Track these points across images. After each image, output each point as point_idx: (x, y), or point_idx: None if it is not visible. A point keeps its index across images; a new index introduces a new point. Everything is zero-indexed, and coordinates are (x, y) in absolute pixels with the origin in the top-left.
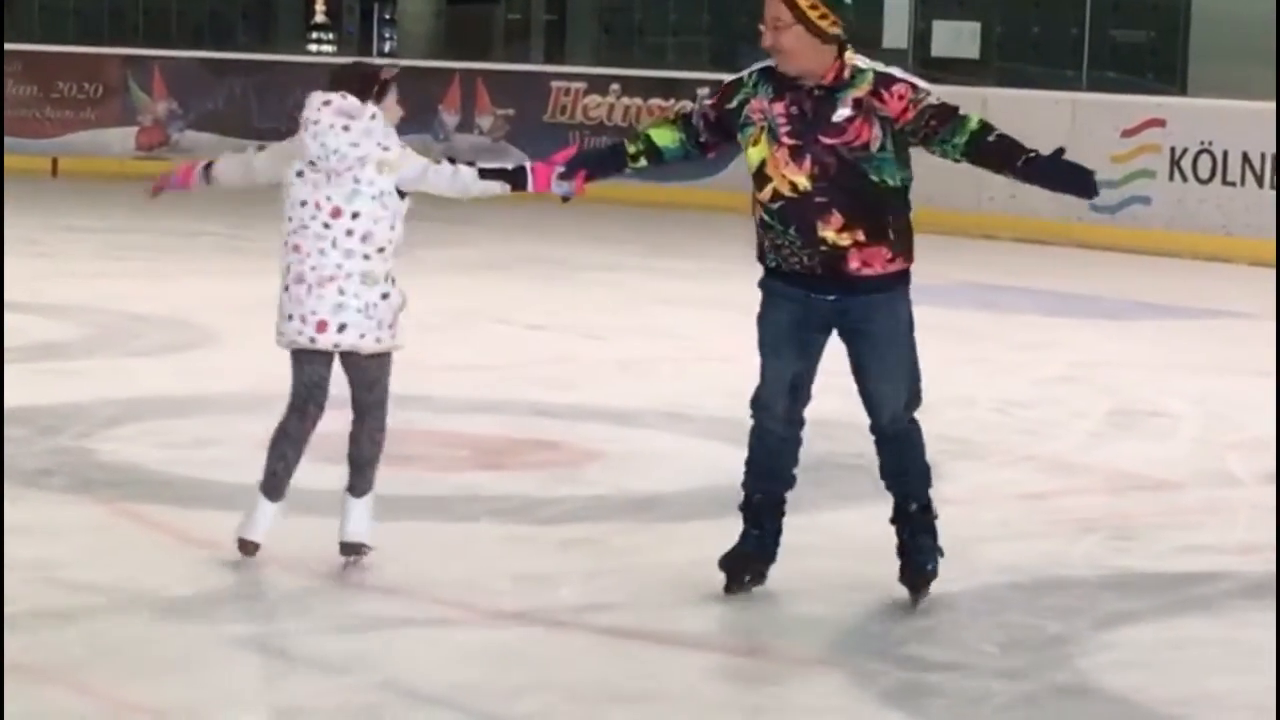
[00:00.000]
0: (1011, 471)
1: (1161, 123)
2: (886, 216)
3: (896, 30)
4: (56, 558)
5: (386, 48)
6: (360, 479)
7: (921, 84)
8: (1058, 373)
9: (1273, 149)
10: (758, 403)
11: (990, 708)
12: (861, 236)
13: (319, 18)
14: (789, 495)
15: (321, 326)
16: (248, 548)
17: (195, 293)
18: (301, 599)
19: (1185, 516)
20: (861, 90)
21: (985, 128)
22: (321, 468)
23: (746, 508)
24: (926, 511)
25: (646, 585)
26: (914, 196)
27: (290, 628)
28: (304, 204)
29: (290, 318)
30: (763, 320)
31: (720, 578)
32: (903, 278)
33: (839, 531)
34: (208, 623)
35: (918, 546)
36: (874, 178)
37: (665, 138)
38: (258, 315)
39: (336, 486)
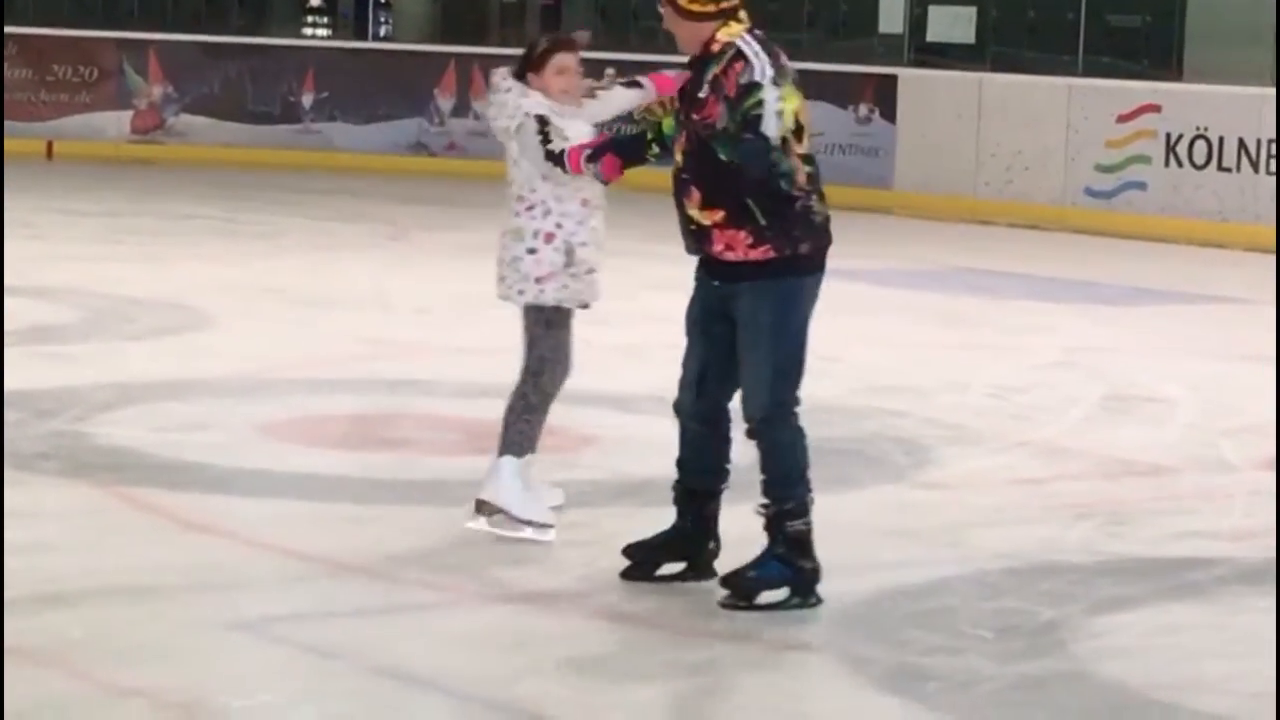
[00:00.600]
0: (1006, 457)
1: (1157, 108)
2: (745, 199)
3: (892, 15)
4: (53, 541)
5: (382, 31)
6: (501, 438)
7: (760, 73)
8: (1052, 358)
9: (1269, 134)
10: (680, 394)
11: (984, 692)
12: (720, 217)
13: (314, 1)
14: (723, 489)
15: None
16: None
17: (190, 276)
18: (297, 583)
19: (1180, 502)
20: (718, 68)
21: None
22: (323, 452)
23: (674, 495)
24: (779, 519)
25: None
26: (911, 181)
27: (285, 611)
28: None
29: None
30: (687, 309)
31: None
32: (772, 268)
33: (831, 516)
34: (203, 607)
35: (761, 553)
36: (723, 157)
37: (667, 123)
38: (253, 298)
39: (335, 472)
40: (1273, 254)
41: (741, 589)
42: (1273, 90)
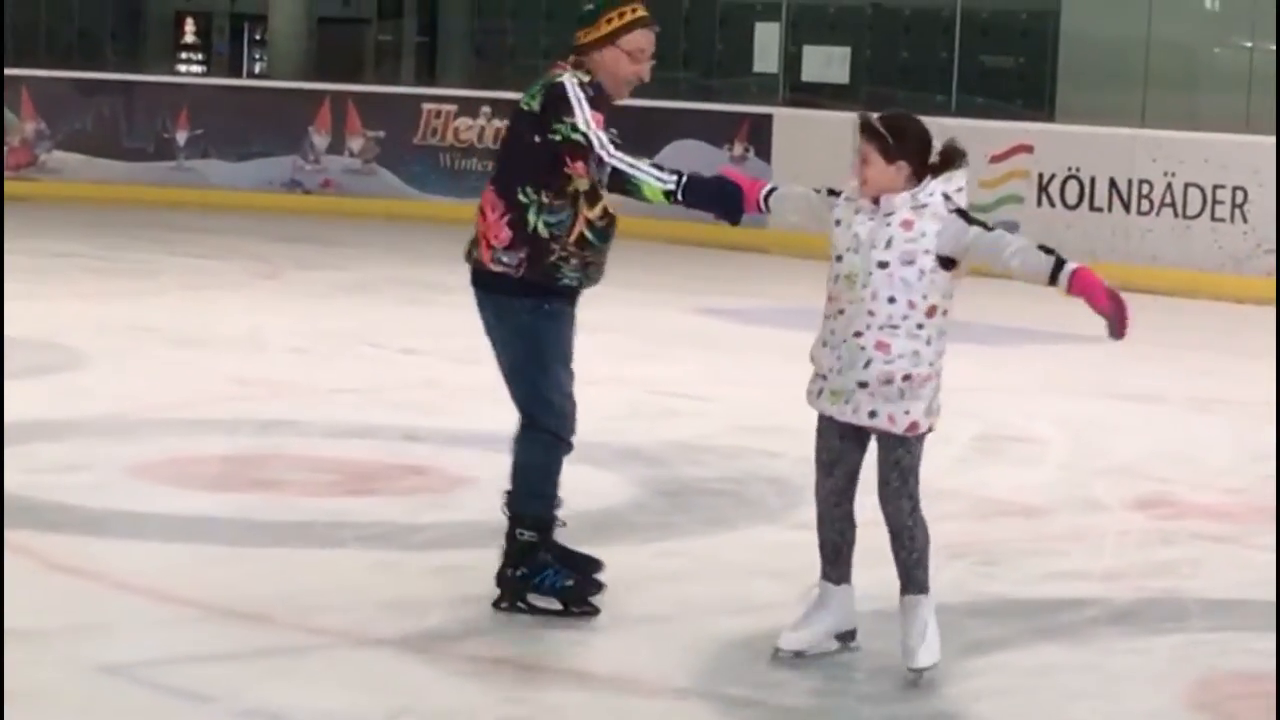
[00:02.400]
0: (876, 497)
1: (1030, 148)
2: None
3: (767, 55)
4: None
5: (257, 68)
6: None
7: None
8: None
9: (1140, 175)
10: (569, 421)
11: None
12: None
13: (189, 38)
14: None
15: None
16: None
17: (64, 315)
18: (169, 626)
19: (1051, 543)
20: None
21: None
22: (196, 494)
23: (551, 531)
24: (514, 527)
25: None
26: (784, 220)
27: (154, 656)
28: None
29: None
30: (559, 337)
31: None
32: None
33: (706, 556)
34: (69, 652)
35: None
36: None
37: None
38: (127, 337)
39: (207, 513)
40: (1142, 293)
41: (508, 594)
42: (1143, 131)
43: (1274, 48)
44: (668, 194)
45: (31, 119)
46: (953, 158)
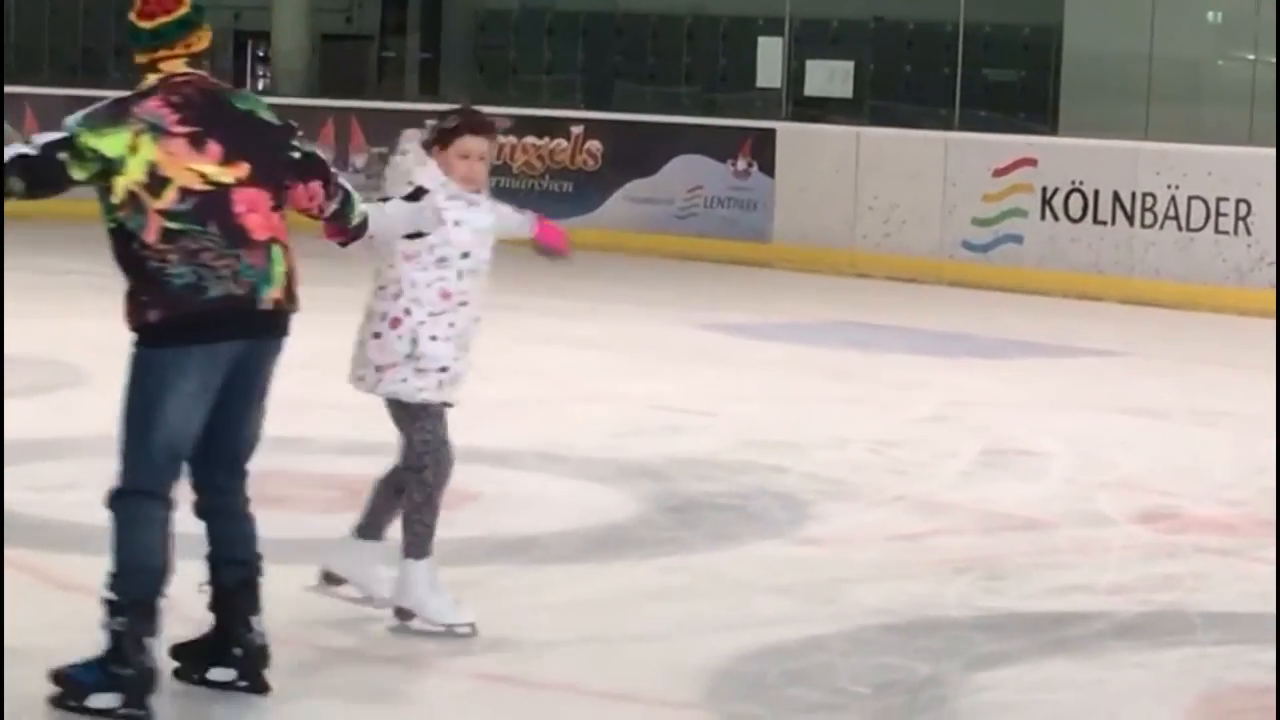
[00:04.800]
0: (883, 512)
1: (1033, 161)
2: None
3: (770, 70)
4: None
5: (260, 85)
6: (403, 541)
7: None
8: (930, 412)
9: (1144, 188)
10: None
11: None
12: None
13: None
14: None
15: None
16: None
17: (65, 332)
18: (166, 645)
19: (1057, 556)
20: None
21: None
22: None
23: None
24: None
25: (521, 627)
26: (789, 234)
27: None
28: None
29: None
30: None
31: (598, 618)
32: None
33: (712, 571)
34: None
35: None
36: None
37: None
38: (127, 355)
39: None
40: (1145, 306)
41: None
42: (1147, 144)
43: (1275, 60)
44: None
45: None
46: None
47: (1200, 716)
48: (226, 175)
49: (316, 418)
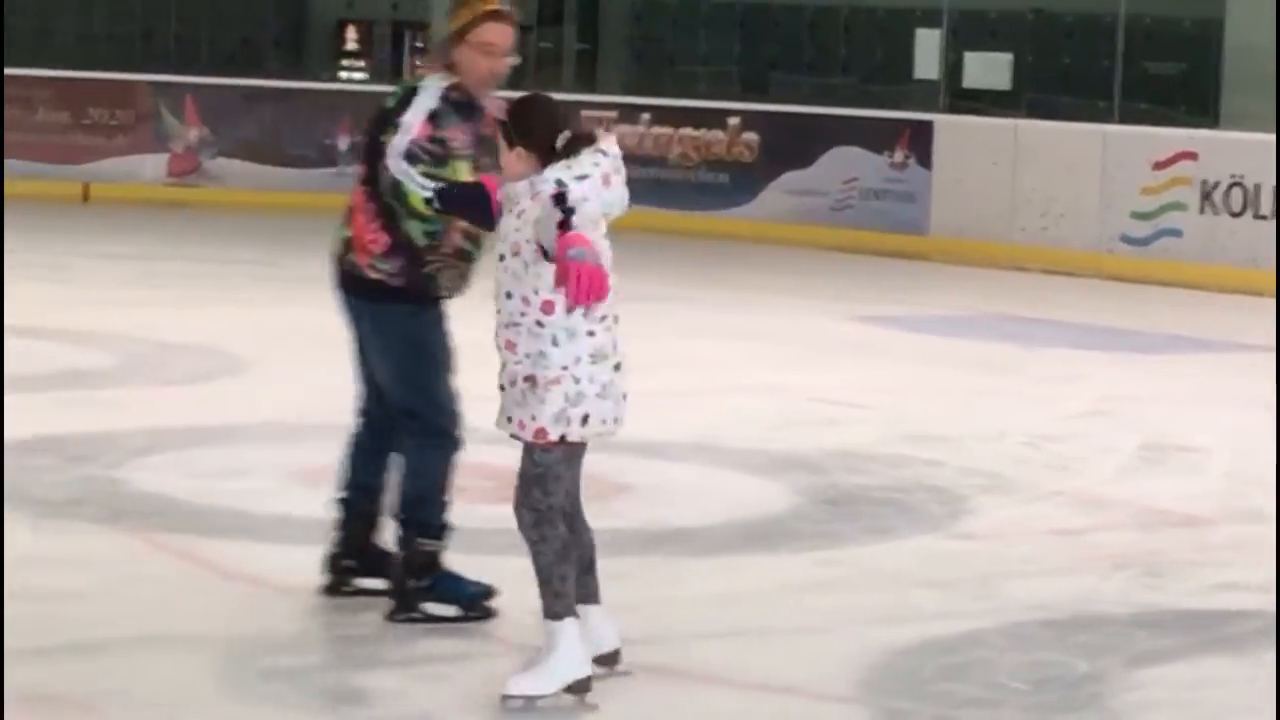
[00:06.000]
0: (1041, 506)
1: (1193, 155)
2: None
3: (928, 62)
4: (84, 589)
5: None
6: None
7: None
8: (1087, 407)
9: None
10: (460, 419)
11: None
12: None
13: (350, 45)
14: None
15: None
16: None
17: (225, 320)
18: (331, 631)
19: (1215, 553)
20: None
21: None
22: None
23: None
24: (413, 537)
25: (673, 620)
26: (946, 227)
27: (319, 660)
28: None
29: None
30: (441, 340)
31: (751, 610)
32: None
33: (868, 564)
34: (237, 657)
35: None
36: None
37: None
38: (288, 342)
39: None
40: None
41: (400, 608)
42: None
43: None
44: (427, 201)
45: (195, 126)
46: (575, 143)
47: None
48: None
49: (484, 407)
